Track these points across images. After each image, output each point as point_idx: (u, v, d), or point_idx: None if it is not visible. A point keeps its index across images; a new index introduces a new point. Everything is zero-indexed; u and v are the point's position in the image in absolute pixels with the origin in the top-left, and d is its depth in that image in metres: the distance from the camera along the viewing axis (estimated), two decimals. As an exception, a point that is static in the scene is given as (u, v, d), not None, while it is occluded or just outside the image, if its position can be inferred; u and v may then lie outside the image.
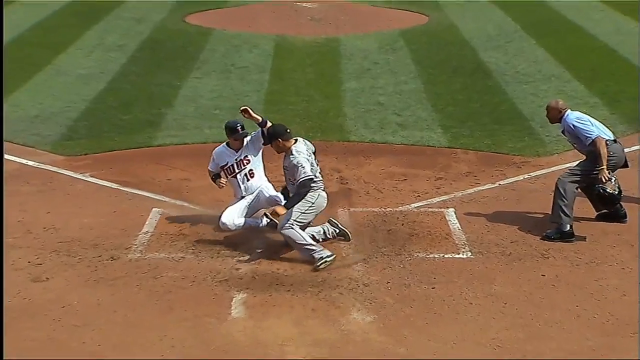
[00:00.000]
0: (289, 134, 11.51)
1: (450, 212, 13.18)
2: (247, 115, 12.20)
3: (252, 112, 12.19)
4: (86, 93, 19.56)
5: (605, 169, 12.17)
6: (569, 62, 21.96)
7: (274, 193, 12.23)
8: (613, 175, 12.32)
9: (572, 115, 12.54)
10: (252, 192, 12.29)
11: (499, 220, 12.90)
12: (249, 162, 12.26)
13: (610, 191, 12.26)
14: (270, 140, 11.57)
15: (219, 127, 16.90)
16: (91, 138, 16.71)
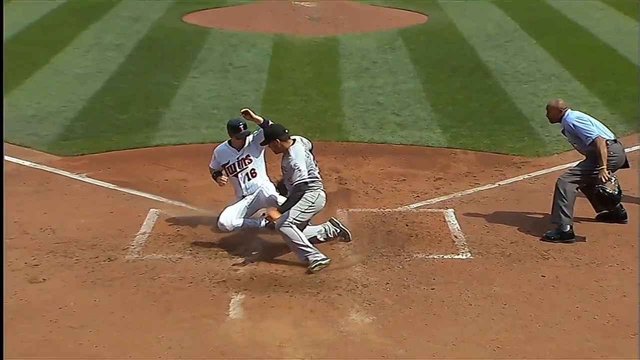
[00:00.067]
0: (287, 134, 11.46)
1: (449, 213, 13.13)
2: (248, 117, 12.13)
3: (253, 114, 12.12)
4: (83, 92, 19.51)
5: (605, 168, 12.12)
6: (568, 62, 21.92)
7: (274, 193, 12.16)
8: (613, 176, 12.27)
9: (573, 115, 12.49)
10: (253, 191, 12.23)
11: (498, 220, 12.85)
12: (250, 161, 12.20)
13: (610, 191, 12.21)
14: (268, 140, 11.51)
15: (217, 127, 16.93)
16: (88, 138, 16.66)
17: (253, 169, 12.20)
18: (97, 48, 23.62)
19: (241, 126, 12.17)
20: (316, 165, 11.57)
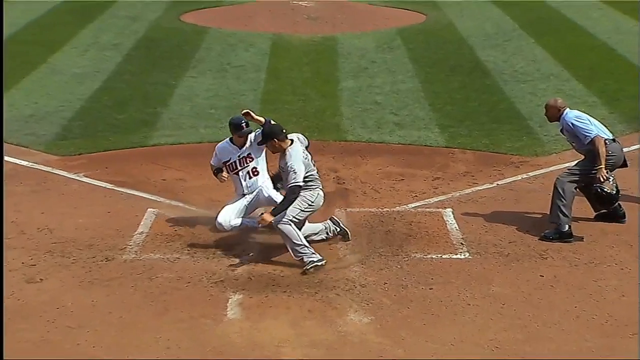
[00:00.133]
0: (285, 134, 11.42)
1: (447, 212, 13.11)
2: (249, 118, 12.06)
3: (254, 115, 12.07)
4: (81, 92, 19.48)
5: (603, 168, 12.09)
6: (567, 61, 21.90)
7: (273, 193, 12.12)
8: (611, 175, 12.25)
9: (571, 114, 12.47)
10: (253, 190, 12.17)
11: (497, 220, 12.82)
12: (252, 160, 12.14)
13: (608, 190, 12.19)
14: (265, 140, 11.47)
15: (215, 126, 16.94)
16: (86, 137, 16.63)
17: (254, 168, 12.14)
18: (94, 48, 23.59)
19: (243, 124, 12.11)
20: (314, 165, 11.55)
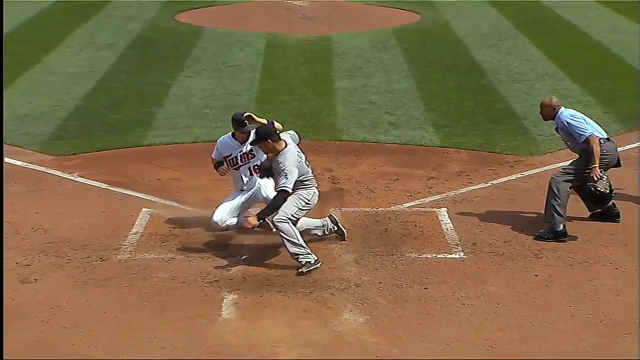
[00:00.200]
0: (278, 135, 11.38)
1: (442, 212, 13.11)
2: (252, 121, 12.02)
3: (257, 118, 12.05)
4: (76, 92, 19.46)
5: (597, 167, 12.10)
6: (563, 61, 21.91)
7: (272, 194, 12.05)
8: (605, 174, 12.26)
9: (567, 113, 12.48)
10: (252, 186, 12.14)
11: (491, 220, 12.83)
12: (253, 156, 12.07)
13: (601, 190, 12.20)
14: (259, 140, 11.38)
15: (210, 126, 16.94)
16: (81, 137, 16.61)
17: (256, 165, 12.10)
18: (90, 47, 23.56)
19: (246, 120, 12.09)
20: (308, 166, 11.51)
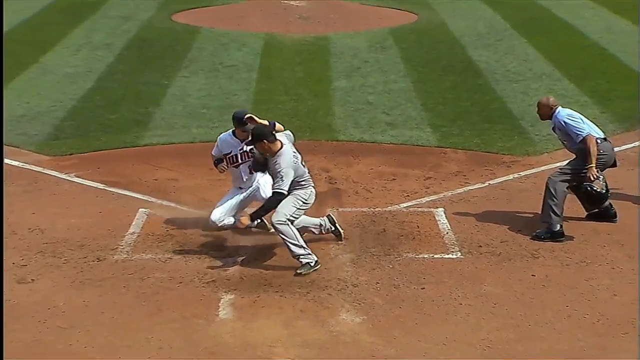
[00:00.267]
0: (274, 135, 11.34)
1: (439, 212, 13.11)
2: (253, 122, 11.99)
3: (258, 119, 12.03)
4: (73, 92, 19.45)
5: (594, 166, 12.11)
6: (559, 61, 21.93)
7: (269, 193, 12.04)
8: (601, 174, 12.26)
9: (564, 112, 12.48)
10: (251, 184, 12.12)
11: (488, 220, 12.83)
12: (253, 155, 12.08)
13: (597, 189, 12.21)
14: (255, 141, 11.33)
15: (207, 126, 16.94)
16: (78, 137, 16.60)
17: None
18: (86, 47, 23.55)
19: (247, 122, 12.06)
20: (305, 166, 11.50)
